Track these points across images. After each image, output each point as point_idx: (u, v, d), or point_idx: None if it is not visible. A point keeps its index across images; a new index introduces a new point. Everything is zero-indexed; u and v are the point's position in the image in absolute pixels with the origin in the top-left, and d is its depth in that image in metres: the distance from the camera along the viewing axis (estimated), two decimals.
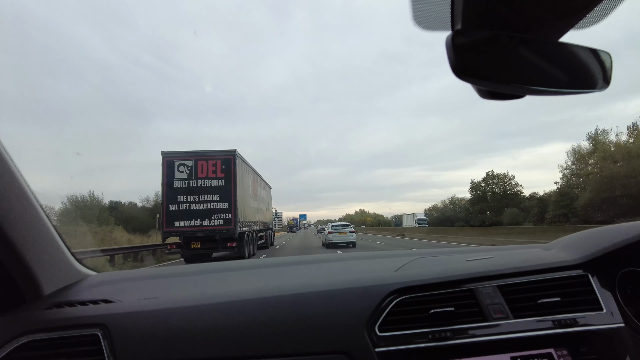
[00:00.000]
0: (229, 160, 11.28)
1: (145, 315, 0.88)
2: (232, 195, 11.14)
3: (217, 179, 11.19)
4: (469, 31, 0.49)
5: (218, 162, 11.23)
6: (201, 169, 11.18)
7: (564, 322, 0.89)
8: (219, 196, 11.13)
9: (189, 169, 11.16)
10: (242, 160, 12.26)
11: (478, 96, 0.57)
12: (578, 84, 0.53)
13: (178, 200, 11.02)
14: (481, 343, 0.85)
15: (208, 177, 11.16)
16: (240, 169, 11.90)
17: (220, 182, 11.18)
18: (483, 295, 0.93)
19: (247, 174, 13.20)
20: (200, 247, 11.17)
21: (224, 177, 11.19)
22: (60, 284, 1.02)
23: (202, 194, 11.08)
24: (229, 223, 11.05)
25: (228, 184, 11.17)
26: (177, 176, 11.11)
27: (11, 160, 0.86)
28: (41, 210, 0.95)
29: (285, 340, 0.83)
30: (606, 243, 1.01)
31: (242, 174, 12.28)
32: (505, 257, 1.11)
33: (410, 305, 0.91)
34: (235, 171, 11.21)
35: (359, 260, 1.40)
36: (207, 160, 11.22)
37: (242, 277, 1.22)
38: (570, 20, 0.49)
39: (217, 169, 11.21)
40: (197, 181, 11.12)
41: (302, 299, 0.91)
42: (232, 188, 11.16)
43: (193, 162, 11.19)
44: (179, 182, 11.09)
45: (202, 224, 11.00)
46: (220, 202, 11.10)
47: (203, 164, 11.20)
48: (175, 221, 10.97)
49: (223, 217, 11.06)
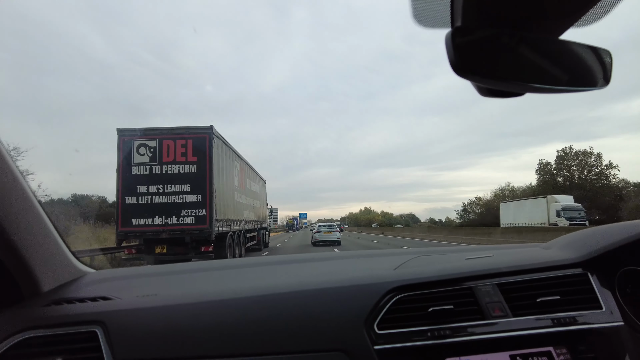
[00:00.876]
0: (202, 139, 8.75)
1: (143, 312, 0.87)
2: (207, 185, 8.61)
3: (188, 163, 8.67)
4: (468, 28, 0.48)
5: (189, 142, 8.71)
6: (167, 150, 8.66)
7: (563, 320, 0.89)
8: (190, 186, 8.61)
9: (152, 151, 8.65)
10: (222, 142, 9.72)
11: (478, 96, 0.57)
12: (578, 82, 0.52)
13: (137, 192, 8.53)
14: (480, 341, 0.84)
15: (176, 162, 8.64)
16: (219, 152, 9.37)
17: (191, 168, 8.66)
18: (482, 293, 0.92)
19: (230, 160, 10.66)
20: (166, 252, 8.68)
21: (196, 162, 8.67)
22: (59, 281, 1.01)
23: (168, 183, 8.57)
24: (203, 221, 8.54)
25: (202, 171, 8.65)
26: (137, 160, 8.61)
27: (11, 158, 0.85)
28: (40, 208, 0.94)
29: (284, 338, 0.82)
30: (606, 242, 1.00)
31: (223, 159, 9.75)
32: (504, 256, 1.11)
33: (409, 303, 0.89)
34: (211, 154, 8.68)
35: (358, 259, 1.37)
36: (175, 140, 8.71)
37: (241, 274, 1.22)
38: (571, 18, 0.49)
39: (187, 150, 8.68)
40: (161, 167, 8.61)
41: (301, 297, 0.90)
42: (207, 176, 8.63)
43: (157, 142, 8.67)
44: (138, 168, 8.59)
45: (167, 221, 8.50)
46: (191, 194, 8.58)
47: (170, 144, 8.69)
48: (133, 218, 8.48)
49: (195, 213, 8.55)
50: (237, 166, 11.76)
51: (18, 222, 0.85)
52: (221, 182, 9.47)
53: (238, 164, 11.89)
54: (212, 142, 8.71)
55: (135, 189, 8.52)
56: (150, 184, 8.54)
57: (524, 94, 0.53)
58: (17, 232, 0.84)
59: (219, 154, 9.39)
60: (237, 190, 11.59)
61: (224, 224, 9.60)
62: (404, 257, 1.20)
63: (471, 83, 0.52)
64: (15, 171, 0.86)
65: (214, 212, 8.57)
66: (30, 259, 0.89)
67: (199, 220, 8.51)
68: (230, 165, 10.74)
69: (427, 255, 1.25)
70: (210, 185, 8.59)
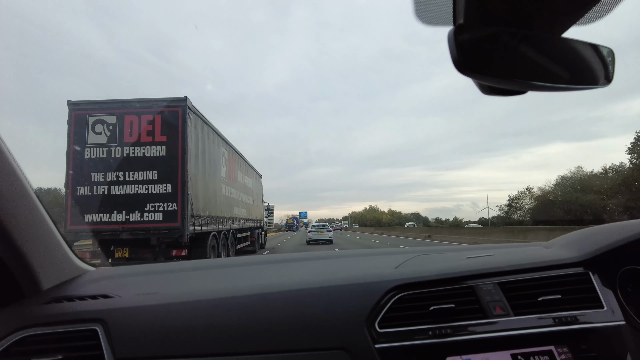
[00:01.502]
0: (174, 114, 6.92)
1: (144, 310, 0.88)
2: (178, 172, 6.78)
3: (156, 145, 6.84)
4: (471, 26, 0.48)
5: (157, 117, 6.89)
6: (130, 128, 6.85)
7: (564, 319, 0.89)
8: (158, 173, 6.79)
9: (111, 129, 6.84)
10: (202, 120, 7.87)
11: (479, 96, 0.57)
12: (580, 80, 0.52)
13: (91, 180, 6.72)
14: (481, 340, 0.85)
15: (140, 143, 6.83)
16: (197, 132, 7.54)
17: (159, 151, 6.84)
18: (483, 292, 0.92)
19: (214, 145, 8.82)
20: (128, 256, 6.87)
21: (166, 143, 6.84)
22: (59, 279, 1.02)
23: (130, 170, 6.76)
24: (173, 218, 6.71)
25: (173, 154, 6.81)
26: (92, 140, 6.80)
27: (11, 156, 0.85)
28: (41, 206, 0.95)
29: (285, 336, 0.83)
30: (607, 241, 1.00)
31: (204, 142, 7.92)
32: (505, 255, 1.11)
33: (411, 301, 0.90)
34: (185, 132, 6.85)
35: (359, 257, 1.38)
36: (140, 115, 6.88)
37: (241, 273, 1.21)
38: (573, 16, 0.49)
39: (155, 128, 6.86)
40: (122, 149, 6.80)
41: (302, 295, 0.91)
42: (179, 160, 6.80)
43: (117, 117, 6.86)
44: (93, 150, 6.79)
45: (129, 218, 6.69)
46: (159, 184, 6.76)
47: (133, 121, 6.87)
48: (86, 214, 6.68)
49: (164, 207, 6.73)
50: (225, 154, 9.93)
51: (19, 220, 0.86)
52: (201, 170, 7.64)
53: (226, 151, 10.06)
54: (186, 118, 6.88)
55: (89, 177, 6.72)
56: (107, 171, 6.73)
57: (526, 92, 0.54)
58: (17, 229, 0.85)
59: (198, 135, 7.56)
60: (225, 183, 9.76)
61: (205, 222, 7.78)
62: (404, 256, 1.23)
63: (473, 81, 0.52)
64: (16, 169, 0.86)
65: (187, 207, 6.73)
66: (31, 256, 0.90)
67: (168, 216, 6.68)
68: (215, 152, 8.91)
69: (427, 254, 1.28)
70: (184, 173, 6.76)
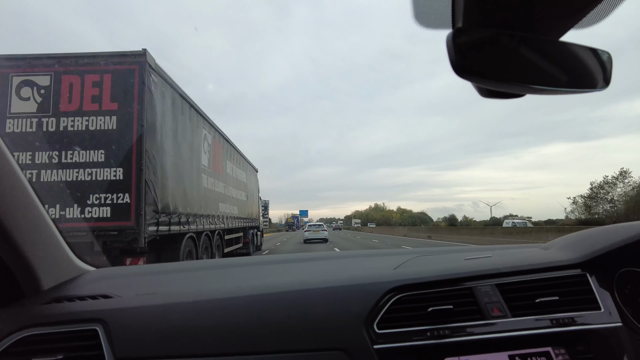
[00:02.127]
0: (129, 74, 5.09)
1: (144, 310, 0.88)
2: (133, 151, 4.98)
3: (103, 115, 5.04)
4: (470, 29, 0.48)
5: (106, 78, 5.08)
6: (69, 93, 5.04)
7: (562, 321, 0.89)
8: (105, 153, 4.99)
9: (43, 94, 5.04)
10: (171, 88, 6.02)
11: (479, 96, 0.57)
12: (578, 84, 0.52)
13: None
14: (479, 341, 0.85)
15: (83, 112, 5.02)
16: (165, 102, 5.68)
17: (108, 123, 5.03)
18: (481, 293, 0.92)
19: (191, 124, 6.94)
20: None
21: (117, 113, 5.04)
22: (59, 279, 1.02)
23: (68, 149, 4.96)
24: (125, 214, 4.90)
25: (127, 127, 5.02)
26: (16, 108, 5.01)
27: (11, 156, 0.85)
28: (41, 206, 0.94)
29: (284, 337, 0.83)
30: (604, 243, 1.01)
31: (175, 116, 6.06)
32: (503, 256, 1.11)
33: (409, 303, 0.90)
34: (144, 99, 5.02)
35: (358, 258, 1.39)
36: (83, 76, 5.08)
37: (241, 273, 1.22)
38: (572, 20, 0.49)
39: (103, 94, 5.06)
40: (58, 120, 5.00)
41: (301, 296, 0.91)
42: (133, 135, 4.99)
43: (51, 78, 5.05)
44: (18, 122, 4.99)
45: (64, 214, 4.87)
46: (106, 167, 4.95)
47: (73, 82, 5.07)
48: None
49: (113, 200, 4.93)
50: (208, 139, 8.12)
51: (19, 220, 0.86)
52: (171, 152, 5.83)
53: (210, 135, 8.26)
54: (145, 80, 5.07)
55: None
56: (37, 150, 4.94)
57: (524, 95, 0.54)
58: (18, 229, 0.85)
59: (167, 107, 5.76)
60: (208, 174, 7.96)
61: (177, 221, 5.99)
62: (403, 257, 1.23)
63: (471, 84, 0.52)
64: (17, 168, 0.86)
65: (143, 199, 4.92)
66: (31, 256, 0.90)
67: (118, 212, 4.88)
68: (194, 133, 7.10)
69: (426, 255, 1.29)
70: (140, 153, 4.95)
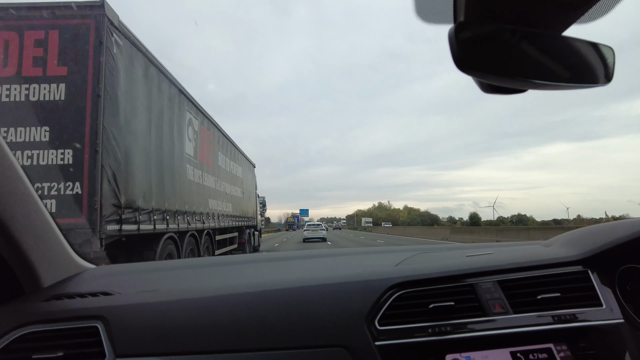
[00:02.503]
0: (82, 31, 4.00)
1: (144, 308, 0.88)
2: (86, 127, 3.90)
3: (49, 82, 3.93)
4: (472, 24, 0.47)
5: (52, 36, 3.97)
6: (3, 53, 3.95)
7: (563, 317, 0.89)
8: (50, 131, 3.89)
9: None
10: (143, 56, 4.92)
11: (480, 95, 0.57)
12: (580, 79, 0.52)
13: None
14: (481, 337, 0.84)
15: (23, 79, 3.92)
16: (134, 70, 4.56)
17: (54, 93, 3.92)
18: (483, 290, 0.92)
19: (172, 104, 5.81)
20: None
21: (66, 79, 3.94)
22: (59, 276, 1.02)
23: (2, 125, 3.87)
24: (75, 209, 3.79)
25: (78, 97, 3.91)
26: None
27: (11, 153, 0.85)
28: (41, 203, 0.95)
29: (285, 334, 0.82)
30: (606, 240, 1.00)
31: (149, 91, 4.94)
32: (505, 253, 1.12)
33: (410, 299, 0.89)
34: (101, 62, 3.93)
35: (359, 255, 1.39)
36: (22, 32, 3.99)
37: (242, 270, 1.22)
38: (574, 15, 0.48)
39: (49, 54, 3.95)
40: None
41: (302, 293, 0.90)
42: (87, 107, 3.92)
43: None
44: None
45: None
46: (52, 149, 3.86)
47: (10, 40, 3.96)
48: None
49: (59, 190, 3.81)
50: (194, 124, 7.03)
51: (19, 217, 0.85)
52: (140, 132, 4.71)
53: (196, 120, 7.17)
54: (104, 39, 3.98)
55: None
56: None
57: (526, 90, 0.53)
58: (17, 227, 0.85)
59: (136, 77, 4.65)
60: (194, 164, 6.87)
61: (149, 218, 4.89)
62: (404, 254, 1.23)
63: (473, 79, 0.52)
64: (17, 165, 0.86)
65: (98, 189, 3.80)
66: (31, 253, 0.90)
67: (66, 206, 3.77)
68: (175, 115, 5.98)
69: (427, 252, 1.30)
70: (95, 130, 3.85)
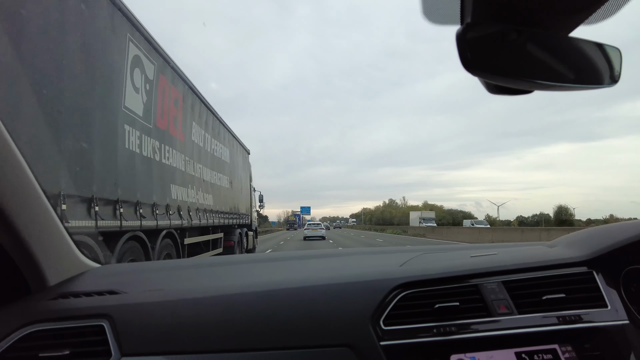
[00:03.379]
0: None
1: (150, 306, 0.88)
2: None
3: None
4: (479, 25, 0.48)
5: None
6: None
7: (568, 318, 0.89)
8: None
9: None
10: None
11: (483, 95, 0.57)
12: (587, 80, 0.52)
13: None
14: (485, 338, 0.85)
15: None
16: None
17: None
18: (488, 290, 0.92)
19: (101, 23, 3.50)
20: None
21: None
22: (65, 275, 1.02)
23: None
24: None
25: None
26: None
27: (18, 150, 0.84)
28: (47, 201, 0.94)
29: (290, 333, 0.83)
30: (611, 241, 1.00)
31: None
32: (509, 254, 1.12)
33: (415, 299, 0.90)
34: None
35: (364, 255, 1.39)
36: None
37: (247, 270, 1.21)
38: (581, 15, 0.48)
39: None
40: None
41: (307, 292, 0.91)
42: None
43: None
44: None
45: None
46: None
47: None
48: None
49: None
50: (146, 69, 4.55)
51: (25, 216, 0.85)
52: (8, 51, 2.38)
53: (152, 64, 4.66)
54: None
55: None
56: None
57: (533, 91, 0.54)
58: (23, 225, 0.85)
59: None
60: (143, 129, 4.43)
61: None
62: (409, 255, 1.22)
63: (479, 80, 0.52)
64: (23, 163, 0.85)
65: None
66: (37, 252, 0.90)
67: None
68: (102, 40, 3.56)
69: (432, 252, 1.29)
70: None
